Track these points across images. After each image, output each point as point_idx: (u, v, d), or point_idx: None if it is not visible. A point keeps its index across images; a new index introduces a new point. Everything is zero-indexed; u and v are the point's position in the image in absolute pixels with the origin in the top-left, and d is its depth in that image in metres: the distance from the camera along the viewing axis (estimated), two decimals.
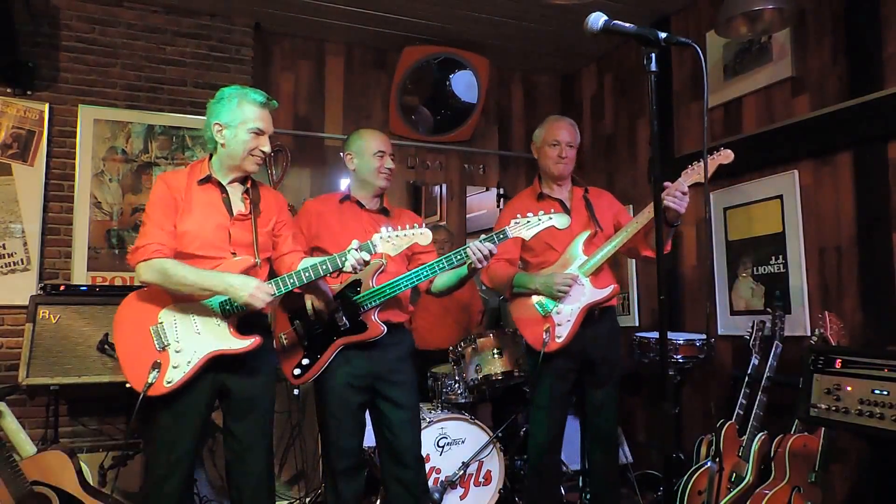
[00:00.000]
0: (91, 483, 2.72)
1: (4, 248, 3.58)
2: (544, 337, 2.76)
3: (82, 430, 3.51)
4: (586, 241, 2.86)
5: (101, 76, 3.84)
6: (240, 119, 2.31)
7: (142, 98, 3.91)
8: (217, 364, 2.26)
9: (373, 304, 2.53)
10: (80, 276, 3.67)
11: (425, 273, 2.50)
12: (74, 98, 3.77)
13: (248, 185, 2.43)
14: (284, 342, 2.61)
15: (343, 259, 2.26)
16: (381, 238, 2.28)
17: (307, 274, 2.28)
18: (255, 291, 2.19)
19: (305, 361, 2.58)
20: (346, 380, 2.57)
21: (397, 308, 2.68)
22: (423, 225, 2.45)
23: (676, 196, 2.61)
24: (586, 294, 2.79)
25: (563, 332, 2.77)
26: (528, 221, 2.42)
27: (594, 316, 2.83)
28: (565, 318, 2.78)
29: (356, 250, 2.25)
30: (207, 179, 2.36)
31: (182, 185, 2.34)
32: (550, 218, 2.43)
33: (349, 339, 2.55)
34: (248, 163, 2.36)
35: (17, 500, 2.51)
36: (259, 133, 2.34)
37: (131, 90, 3.90)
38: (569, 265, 2.84)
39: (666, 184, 2.66)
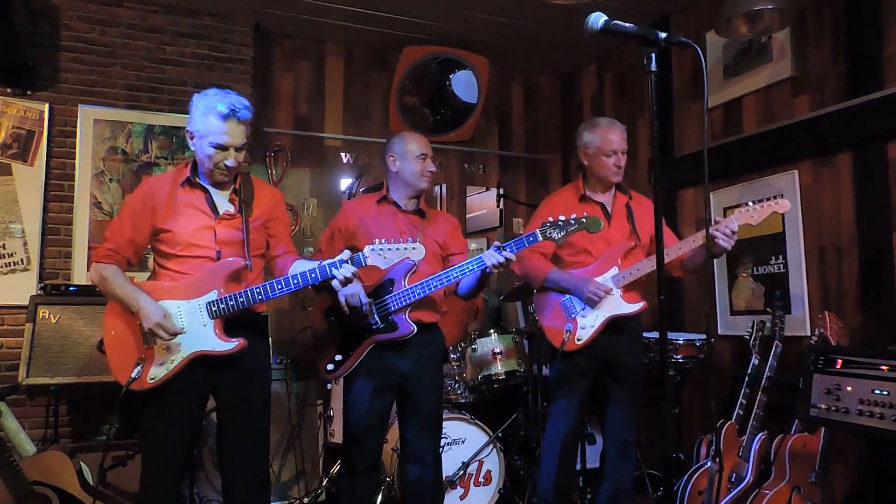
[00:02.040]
0: (91, 483, 2.72)
1: (4, 248, 3.58)
2: (564, 336, 2.78)
3: (82, 430, 3.51)
4: (624, 252, 2.85)
5: (101, 76, 3.84)
6: (204, 131, 2.27)
7: (142, 98, 3.91)
8: (205, 363, 2.26)
9: (404, 303, 2.55)
10: (80, 276, 3.67)
11: (454, 274, 2.53)
12: (74, 98, 3.77)
13: (237, 184, 2.40)
14: (320, 337, 2.67)
15: (332, 268, 2.25)
16: (372, 250, 2.26)
17: (295, 281, 2.27)
18: (155, 328, 2.18)
19: (338, 357, 2.62)
20: (375, 379, 2.60)
21: (430, 308, 2.70)
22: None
23: (727, 234, 2.58)
24: (615, 305, 2.79)
25: (583, 336, 2.78)
26: (559, 225, 2.42)
27: (619, 323, 2.82)
28: (589, 322, 2.79)
29: (346, 261, 2.24)
30: (189, 181, 2.36)
31: (166, 189, 2.34)
32: (583, 222, 2.41)
33: (380, 337, 2.58)
34: (216, 175, 2.34)
35: (17, 500, 2.51)
36: (221, 148, 2.28)
37: (131, 90, 3.89)
38: (602, 273, 2.82)
39: (717, 218, 2.65)
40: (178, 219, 2.31)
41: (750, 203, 2.66)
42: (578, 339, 2.78)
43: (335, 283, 2.28)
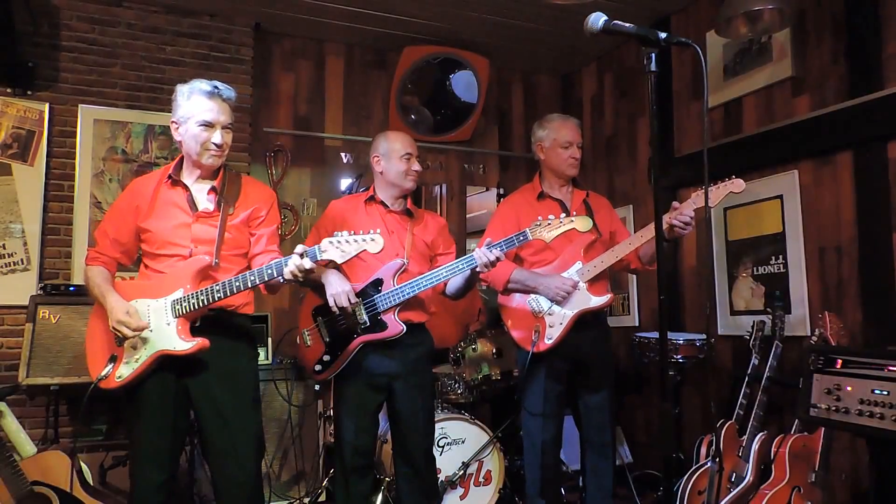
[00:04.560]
0: (91, 483, 2.72)
1: (4, 248, 3.58)
2: (533, 337, 2.77)
3: (82, 430, 3.51)
4: (586, 246, 2.85)
5: (101, 76, 3.84)
6: (190, 112, 2.28)
7: (142, 98, 3.91)
8: (176, 365, 2.23)
9: (393, 303, 2.55)
10: (80, 276, 3.65)
11: (443, 274, 2.54)
12: (74, 98, 3.77)
13: (217, 182, 2.38)
14: (308, 338, 2.65)
15: (286, 262, 2.18)
16: (329, 242, 2.20)
17: (252, 277, 2.22)
18: (117, 325, 2.18)
19: (326, 358, 2.61)
20: (365, 379, 2.60)
21: (419, 308, 2.70)
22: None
23: (686, 222, 2.58)
24: (582, 300, 2.78)
25: (553, 335, 2.77)
26: (550, 223, 2.42)
27: (587, 320, 2.82)
28: (557, 320, 2.77)
29: (299, 255, 2.17)
30: (170, 178, 2.36)
31: (150, 188, 2.35)
32: (573, 220, 2.43)
33: (369, 337, 2.57)
34: (205, 158, 2.31)
35: (17, 500, 2.51)
36: (208, 125, 2.28)
37: (131, 90, 3.89)
38: (566, 268, 2.83)
39: (675, 204, 2.65)
40: (158, 217, 2.32)
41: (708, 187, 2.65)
42: (549, 339, 2.76)
43: (287, 275, 2.18)
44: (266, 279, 2.23)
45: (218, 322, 2.30)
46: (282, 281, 2.25)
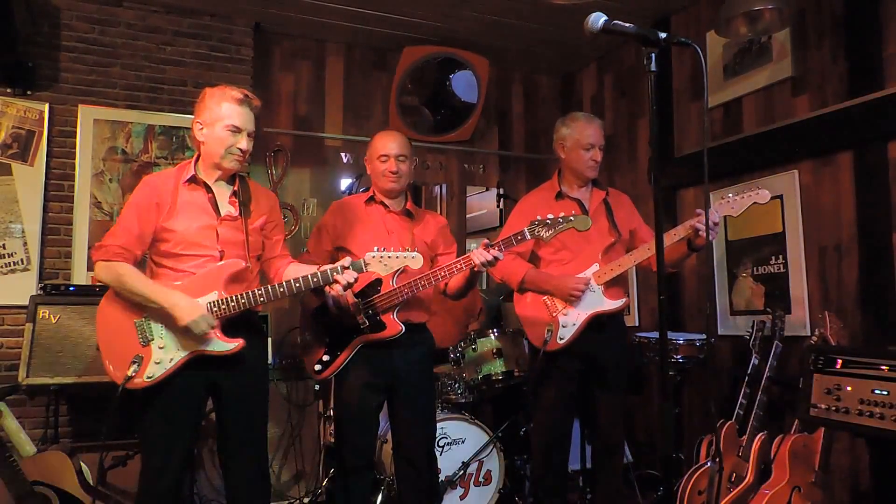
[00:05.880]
0: (91, 483, 2.72)
1: (4, 248, 3.58)
2: (546, 336, 2.76)
3: (82, 430, 3.51)
4: (605, 248, 2.84)
5: (101, 76, 3.84)
6: (218, 116, 2.32)
7: (142, 98, 3.91)
8: (205, 362, 2.26)
9: (392, 303, 2.55)
10: (80, 276, 3.67)
11: (441, 274, 2.54)
12: (74, 98, 3.76)
13: (236, 186, 2.42)
14: (307, 338, 2.66)
15: (334, 274, 2.28)
16: (373, 257, 2.29)
17: (297, 285, 2.30)
18: (199, 320, 2.19)
19: (326, 357, 2.61)
20: (364, 379, 2.60)
21: (418, 308, 2.70)
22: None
23: (711, 227, 2.58)
24: (596, 302, 2.77)
25: (565, 335, 2.76)
26: (548, 224, 2.42)
27: (602, 321, 2.81)
28: (571, 321, 2.77)
29: (347, 268, 2.27)
30: (192, 179, 2.37)
31: (169, 187, 2.35)
32: (571, 220, 2.42)
33: (368, 337, 2.58)
34: (227, 161, 2.35)
35: (17, 500, 2.52)
36: (235, 130, 2.32)
37: (131, 90, 3.89)
38: (583, 270, 2.81)
39: (698, 211, 2.66)
40: (181, 217, 2.32)
41: (730, 195, 2.67)
42: (560, 339, 2.75)
43: (337, 287, 2.30)
44: (312, 287, 2.32)
45: (241, 320, 2.34)
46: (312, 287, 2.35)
